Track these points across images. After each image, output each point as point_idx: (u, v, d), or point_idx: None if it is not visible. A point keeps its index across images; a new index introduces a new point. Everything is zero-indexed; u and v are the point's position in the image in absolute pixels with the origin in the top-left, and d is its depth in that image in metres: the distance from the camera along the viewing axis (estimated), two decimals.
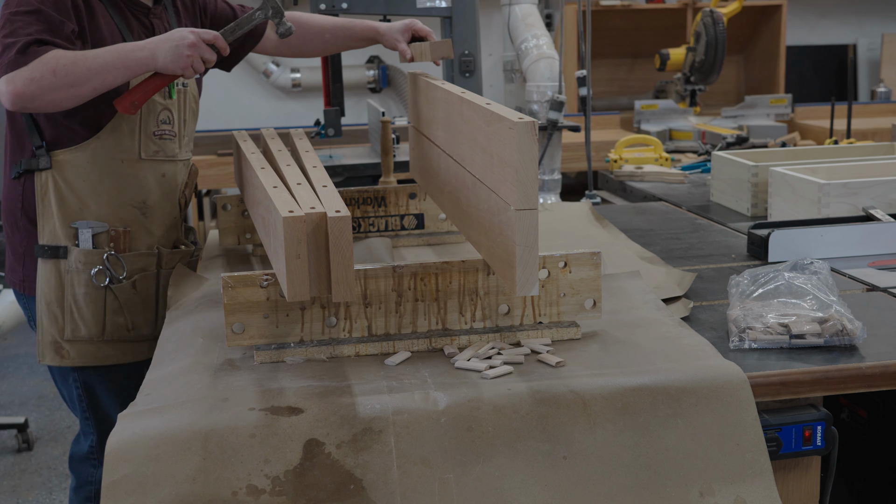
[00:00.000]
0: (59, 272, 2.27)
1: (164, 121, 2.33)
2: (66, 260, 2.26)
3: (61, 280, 2.27)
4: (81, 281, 2.27)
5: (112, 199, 2.28)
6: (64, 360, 2.30)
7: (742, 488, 1.57)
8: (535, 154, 1.51)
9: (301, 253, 1.59)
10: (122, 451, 1.49)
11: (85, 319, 2.28)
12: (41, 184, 2.25)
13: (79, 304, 2.28)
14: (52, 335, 2.29)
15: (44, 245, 2.26)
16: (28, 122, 2.23)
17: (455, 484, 1.51)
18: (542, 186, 3.46)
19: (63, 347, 2.30)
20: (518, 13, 3.60)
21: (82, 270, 2.26)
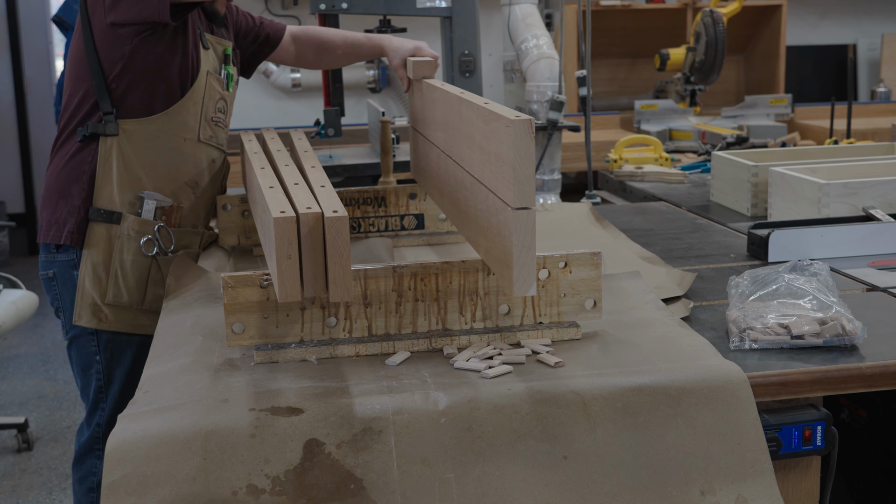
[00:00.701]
0: (110, 237, 2.33)
1: (220, 109, 2.51)
2: (119, 226, 2.33)
3: (111, 245, 2.33)
4: (131, 248, 2.34)
5: (170, 174, 2.38)
6: (101, 322, 2.35)
7: (743, 487, 1.57)
8: (532, 152, 1.51)
9: (292, 254, 1.59)
10: (123, 451, 1.49)
11: (128, 286, 2.34)
12: (105, 149, 2.32)
13: (125, 270, 2.34)
14: (92, 297, 2.35)
15: (99, 208, 2.33)
16: (101, 86, 2.31)
17: (455, 484, 1.51)
18: (542, 186, 3.45)
19: (102, 310, 2.35)
20: (518, 13, 3.60)
21: (133, 238, 2.34)
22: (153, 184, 2.37)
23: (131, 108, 2.34)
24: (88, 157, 2.35)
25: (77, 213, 2.35)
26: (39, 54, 7.77)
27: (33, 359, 5.25)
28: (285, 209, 1.62)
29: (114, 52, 2.31)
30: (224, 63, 2.51)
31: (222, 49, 2.51)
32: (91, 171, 2.34)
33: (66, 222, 2.36)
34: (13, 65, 7.68)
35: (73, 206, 2.36)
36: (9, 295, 4.13)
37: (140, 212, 2.35)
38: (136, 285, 2.36)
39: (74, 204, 2.35)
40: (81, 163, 2.35)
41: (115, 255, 2.34)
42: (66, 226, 2.36)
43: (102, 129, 2.32)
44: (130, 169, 2.34)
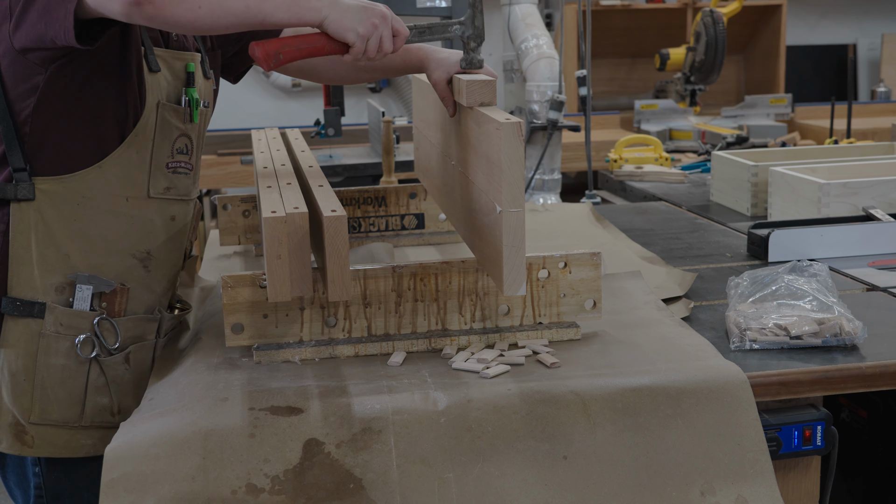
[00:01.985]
0: (30, 335, 1.76)
1: (179, 150, 1.87)
2: (43, 321, 1.75)
3: (34, 346, 1.76)
4: (61, 350, 1.76)
5: (109, 246, 1.79)
6: (25, 447, 1.79)
7: (743, 487, 1.56)
8: (522, 154, 1.52)
9: (282, 253, 1.60)
10: (122, 450, 1.49)
11: (59, 399, 1.77)
12: (19, 219, 1.74)
13: (53, 378, 1.77)
14: (13, 415, 1.78)
15: (15, 299, 1.75)
16: (9, 131, 1.73)
17: (455, 484, 1.51)
18: (542, 186, 3.46)
19: (27, 432, 1.78)
20: (518, 13, 3.60)
21: (63, 336, 1.76)
22: (86, 261, 1.77)
23: (50, 161, 1.74)
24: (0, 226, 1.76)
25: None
26: None
27: None
28: (276, 209, 1.62)
29: (23, 83, 1.72)
30: (186, 84, 1.85)
31: (182, 65, 1.85)
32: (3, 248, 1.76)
33: None
34: None
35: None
36: None
37: (71, 301, 1.77)
38: (70, 397, 1.78)
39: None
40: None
41: (41, 360, 1.76)
42: None
43: (13, 193, 1.73)
44: (54, 244, 1.75)
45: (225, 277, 1.71)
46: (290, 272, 1.61)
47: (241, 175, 4.97)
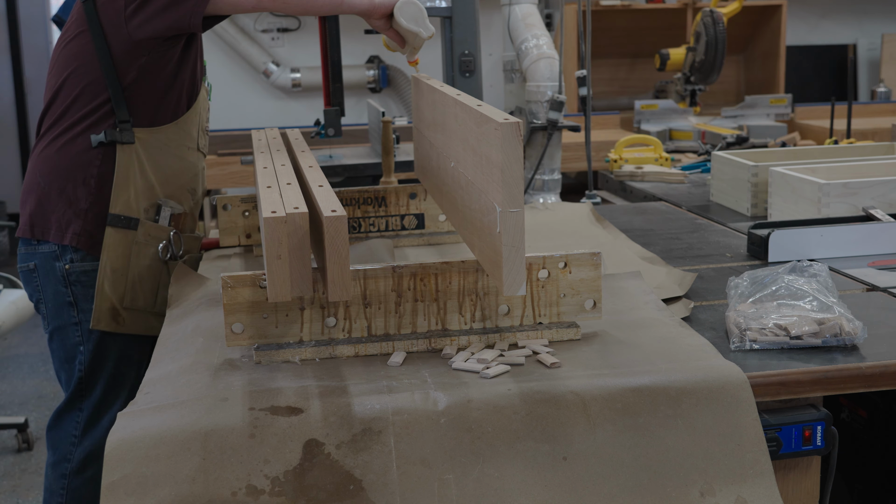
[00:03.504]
0: (127, 242, 2.36)
1: (208, 119, 2.54)
2: (136, 232, 2.37)
3: (128, 250, 2.37)
4: (147, 254, 2.39)
5: (176, 181, 2.44)
6: (119, 326, 2.39)
7: (743, 488, 1.56)
8: (521, 155, 1.53)
9: (282, 253, 1.60)
10: (122, 451, 1.49)
11: (144, 290, 2.39)
12: (125, 157, 2.34)
13: (142, 274, 2.39)
14: (111, 301, 2.37)
15: (119, 214, 2.35)
16: (118, 94, 2.31)
17: (455, 484, 1.51)
18: (543, 186, 3.45)
19: (120, 314, 2.39)
20: (518, 13, 3.60)
21: (150, 244, 2.39)
22: (164, 191, 2.42)
23: (146, 116, 2.37)
24: (97, 161, 2.35)
25: (84, 216, 2.37)
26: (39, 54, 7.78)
27: (33, 359, 5.25)
28: (276, 209, 1.62)
29: (130, 61, 2.32)
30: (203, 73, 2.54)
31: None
32: (100, 177, 2.35)
33: (70, 224, 2.37)
34: (13, 65, 7.69)
35: (79, 209, 2.36)
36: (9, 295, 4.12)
37: (157, 218, 2.40)
38: (151, 289, 2.41)
39: (80, 207, 2.36)
40: (88, 166, 2.36)
41: (133, 261, 2.38)
42: (70, 227, 2.37)
43: (120, 137, 2.34)
44: (145, 176, 2.38)
45: (225, 277, 1.71)
46: (290, 272, 1.62)
47: (241, 175, 4.97)
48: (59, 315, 2.42)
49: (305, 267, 1.63)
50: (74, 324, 2.41)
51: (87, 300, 2.40)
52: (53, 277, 2.40)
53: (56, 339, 2.45)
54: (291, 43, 6.69)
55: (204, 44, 2.55)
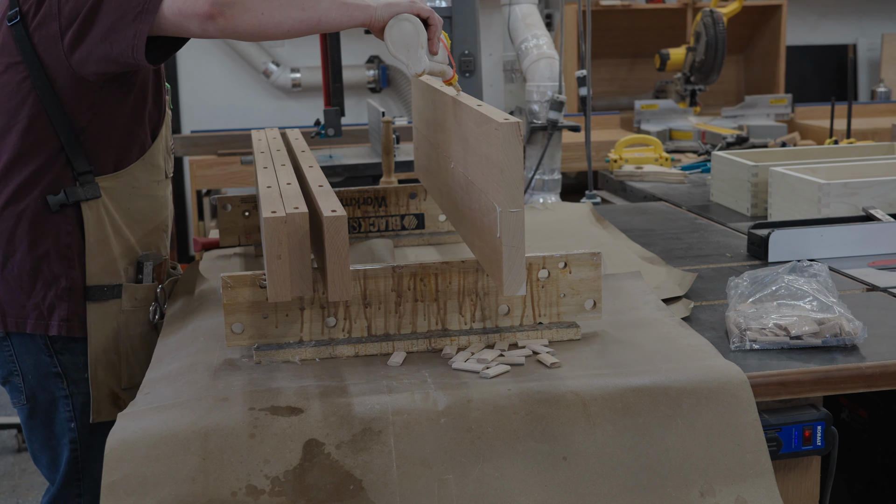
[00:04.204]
0: (113, 315, 2.01)
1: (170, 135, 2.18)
2: (121, 300, 2.02)
3: (116, 323, 2.02)
4: (139, 321, 2.05)
5: (151, 225, 2.08)
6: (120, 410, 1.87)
7: (743, 488, 1.56)
8: (521, 155, 1.53)
9: (282, 253, 1.60)
10: (122, 451, 1.49)
11: (141, 363, 2.02)
12: (93, 215, 1.96)
13: (136, 347, 2.05)
14: (109, 387, 2.02)
15: (100, 285, 1.99)
16: (72, 143, 1.92)
17: (454, 484, 1.51)
18: (543, 186, 3.46)
19: (120, 397, 2.03)
20: (518, 13, 3.60)
21: (139, 309, 2.04)
22: (141, 241, 2.07)
23: (108, 160, 1.98)
24: (67, 226, 1.96)
25: (68, 296, 1.98)
26: None
27: None
28: (276, 209, 1.62)
29: (81, 99, 1.92)
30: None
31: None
32: (75, 245, 1.97)
33: (55, 309, 1.98)
34: None
35: (61, 289, 1.98)
36: None
37: (140, 277, 2.06)
38: (147, 359, 1.95)
39: (62, 286, 1.98)
40: (59, 235, 1.96)
41: (123, 333, 2.03)
42: (56, 313, 1.98)
43: (83, 195, 1.94)
44: (119, 231, 2.01)
45: (224, 277, 1.71)
46: (290, 272, 1.62)
47: (241, 175, 4.97)
48: (44, 388, 2.02)
49: (305, 267, 1.63)
50: (64, 397, 2.03)
51: (79, 370, 2.02)
52: (33, 347, 2.00)
53: (38, 417, 2.05)
54: (291, 43, 6.69)
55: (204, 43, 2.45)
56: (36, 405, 2.03)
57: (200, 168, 5.04)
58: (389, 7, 1.80)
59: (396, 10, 1.80)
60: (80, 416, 2.03)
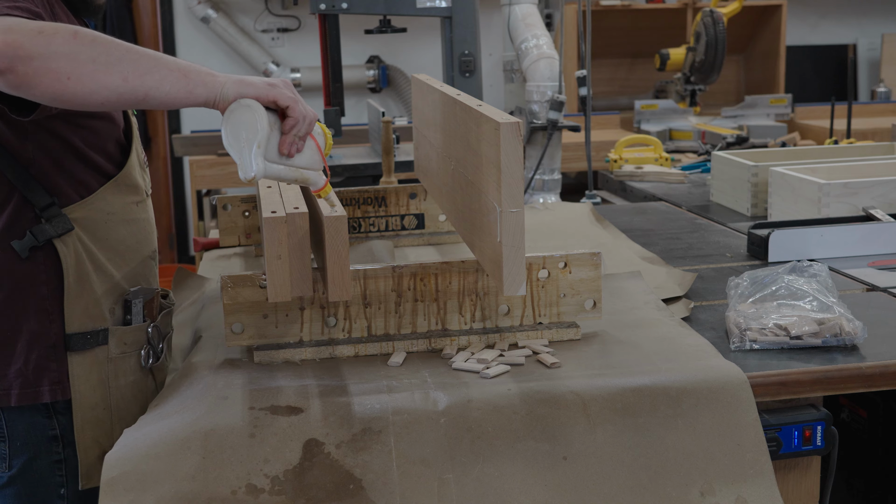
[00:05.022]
0: (98, 364, 1.70)
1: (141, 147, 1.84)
2: (108, 346, 1.71)
3: (104, 373, 1.71)
4: (129, 368, 1.74)
5: (134, 255, 1.76)
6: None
7: (743, 488, 1.56)
8: (521, 155, 1.53)
9: (282, 253, 1.60)
10: (122, 448, 1.50)
11: (133, 415, 1.72)
12: (68, 252, 1.66)
13: (127, 398, 1.74)
14: (100, 446, 1.70)
15: (83, 333, 1.68)
16: (21, 177, 1.63)
17: (454, 484, 1.51)
18: (543, 186, 3.45)
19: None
20: (518, 13, 3.60)
21: (129, 355, 1.74)
22: (125, 275, 1.74)
23: (69, 189, 1.67)
24: (42, 275, 1.66)
25: (55, 355, 1.68)
26: None
27: None
28: (276, 209, 1.62)
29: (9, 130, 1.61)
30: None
31: None
32: (54, 294, 1.67)
33: (44, 373, 1.67)
34: None
35: (45, 349, 1.67)
36: None
37: (129, 318, 1.74)
38: (141, 411, 1.72)
39: (46, 344, 1.67)
40: (34, 286, 1.66)
41: (112, 384, 1.72)
42: (45, 377, 1.67)
43: (53, 230, 1.64)
44: (100, 267, 1.70)
45: (224, 278, 1.71)
46: (290, 272, 1.62)
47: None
48: (36, 452, 1.69)
49: (305, 267, 1.63)
50: (57, 462, 1.71)
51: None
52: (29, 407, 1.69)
53: (23, 482, 1.71)
54: (291, 43, 6.69)
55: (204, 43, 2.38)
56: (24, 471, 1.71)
57: (200, 168, 5.04)
58: (239, 85, 1.50)
59: (245, 91, 1.49)
60: (69, 483, 1.73)
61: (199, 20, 6.43)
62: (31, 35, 1.38)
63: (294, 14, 6.69)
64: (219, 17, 6.42)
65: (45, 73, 1.39)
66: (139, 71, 1.44)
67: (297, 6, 6.51)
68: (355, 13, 3.84)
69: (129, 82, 1.43)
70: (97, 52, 1.42)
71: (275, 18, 6.70)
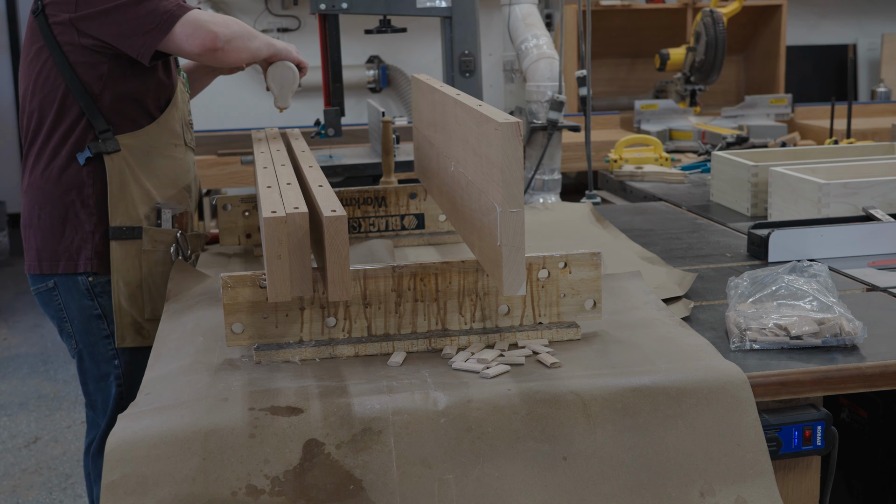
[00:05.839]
0: (134, 253, 2.32)
1: (189, 112, 2.50)
2: (142, 240, 2.33)
3: (138, 260, 2.33)
4: (158, 259, 2.35)
5: (170, 181, 2.39)
6: (146, 339, 2.33)
7: (743, 488, 1.56)
8: (520, 155, 1.53)
9: (282, 253, 1.60)
10: (122, 451, 1.49)
11: (163, 297, 2.30)
12: (114, 166, 2.29)
13: (157, 282, 2.34)
14: (132, 316, 2.34)
15: (120, 227, 2.31)
16: (90, 107, 2.27)
17: (454, 484, 1.51)
18: (543, 186, 3.45)
19: (143, 327, 2.34)
20: (518, 13, 3.59)
21: (159, 249, 2.35)
22: (161, 193, 2.38)
23: (126, 121, 2.32)
24: (90, 179, 2.32)
25: (92, 238, 2.33)
26: None
27: (33, 359, 5.25)
28: (276, 209, 1.62)
29: (92, 70, 2.28)
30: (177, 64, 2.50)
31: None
32: (97, 193, 2.32)
33: (81, 250, 2.33)
34: (13, 65, 7.68)
35: (86, 232, 2.33)
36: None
37: (160, 222, 2.36)
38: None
39: (86, 230, 2.33)
40: (83, 186, 2.32)
41: (145, 270, 2.34)
42: (82, 254, 2.33)
43: (104, 148, 2.29)
44: (139, 182, 2.33)
45: (224, 277, 1.71)
46: (290, 272, 1.62)
47: (241, 175, 4.97)
48: (89, 330, 2.37)
49: (305, 267, 1.63)
50: (105, 337, 2.37)
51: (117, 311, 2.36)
52: (77, 292, 2.35)
53: (87, 358, 2.40)
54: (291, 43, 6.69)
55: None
56: (84, 347, 2.38)
57: (200, 168, 5.02)
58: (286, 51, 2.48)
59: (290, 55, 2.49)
60: (121, 354, 2.37)
61: None
62: (224, 25, 2.25)
63: (294, 14, 6.69)
64: None
65: (234, 50, 2.27)
66: (259, 42, 2.38)
67: (297, 6, 6.51)
68: (355, 13, 3.84)
69: (261, 51, 2.39)
70: (245, 31, 2.31)
71: (275, 18, 6.70)
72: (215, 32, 2.21)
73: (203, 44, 2.20)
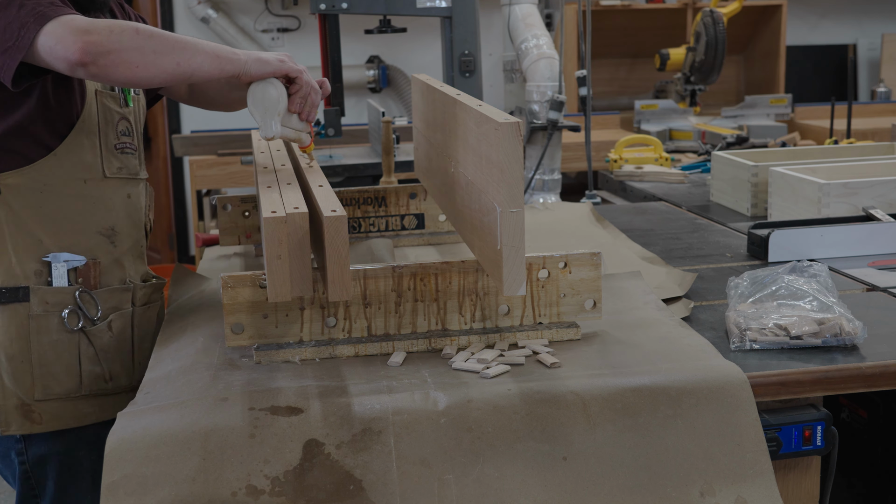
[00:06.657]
0: (20, 319, 1.88)
1: (123, 132, 2.00)
2: (29, 303, 1.88)
3: (24, 328, 1.88)
4: (50, 326, 1.89)
5: (75, 226, 1.92)
6: (36, 425, 1.91)
7: (743, 488, 1.56)
8: (521, 155, 1.53)
9: (282, 253, 1.60)
10: (122, 451, 1.49)
11: (58, 373, 1.90)
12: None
13: (49, 355, 1.90)
14: (17, 397, 1.89)
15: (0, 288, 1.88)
16: None
17: (454, 485, 1.51)
18: (543, 186, 3.46)
19: (33, 410, 1.91)
20: (518, 13, 3.60)
21: (51, 313, 1.89)
22: (58, 243, 1.90)
23: (5, 158, 1.86)
24: None
25: None
26: None
27: None
28: (276, 209, 1.62)
29: None
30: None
31: None
32: None
33: None
34: None
35: None
36: None
37: (50, 280, 1.90)
38: (67, 370, 1.91)
39: None
40: None
41: (34, 339, 1.88)
42: None
43: None
44: (26, 231, 1.88)
45: (225, 277, 1.71)
46: (290, 272, 1.62)
47: (241, 175, 4.97)
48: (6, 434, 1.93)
49: (305, 267, 1.63)
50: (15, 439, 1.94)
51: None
52: None
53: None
54: (291, 43, 6.69)
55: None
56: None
57: (200, 168, 5.04)
58: (259, 63, 1.84)
59: (265, 68, 1.84)
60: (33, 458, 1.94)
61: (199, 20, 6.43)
62: (106, 33, 1.68)
63: (294, 14, 6.69)
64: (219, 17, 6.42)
65: (119, 65, 1.69)
66: (185, 57, 1.74)
67: (297, 6, 6.51)
68: (355, 13, 3.84)
69: (181, 67, 1.74)
70: (155, 44, 1.71)
71: (275, 18, 6.70)
72: (84, 42, 1.66)
73: (67, 56, 1.66)
